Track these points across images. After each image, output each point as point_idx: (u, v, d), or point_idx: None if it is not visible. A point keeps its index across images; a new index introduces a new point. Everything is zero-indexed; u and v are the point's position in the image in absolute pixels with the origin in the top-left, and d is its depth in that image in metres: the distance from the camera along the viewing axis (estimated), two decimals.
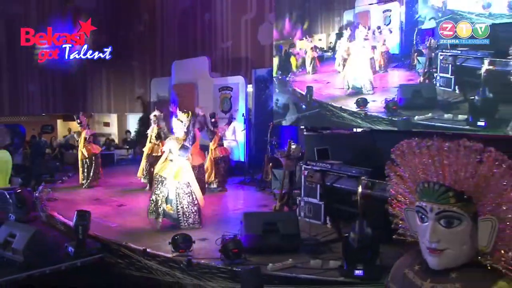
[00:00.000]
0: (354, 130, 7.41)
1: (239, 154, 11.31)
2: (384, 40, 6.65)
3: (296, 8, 8.18)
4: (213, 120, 9.06)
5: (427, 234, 2.62)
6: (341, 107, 6.74)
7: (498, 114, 5.08)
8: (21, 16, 14.99)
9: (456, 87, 5.34)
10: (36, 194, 8.08)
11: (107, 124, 18.39)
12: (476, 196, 2.48)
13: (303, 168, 6.34)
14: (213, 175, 8.86)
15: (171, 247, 5.04)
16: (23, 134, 15.56)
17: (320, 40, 7.70)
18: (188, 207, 6.12)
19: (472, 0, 5.21)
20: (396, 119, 6.02)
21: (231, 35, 13.92)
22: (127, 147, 15.98)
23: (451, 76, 5.33)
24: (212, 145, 8.93)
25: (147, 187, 8.78)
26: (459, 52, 5.25)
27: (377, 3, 6.85)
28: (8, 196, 7.39)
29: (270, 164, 9.06)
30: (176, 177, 6.15)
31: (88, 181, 9.30)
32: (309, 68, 7.72)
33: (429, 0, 5.83)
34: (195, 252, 5.10)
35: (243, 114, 10.68)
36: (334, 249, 5.23)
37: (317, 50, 7.63)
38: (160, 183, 6.20)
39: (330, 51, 7.48)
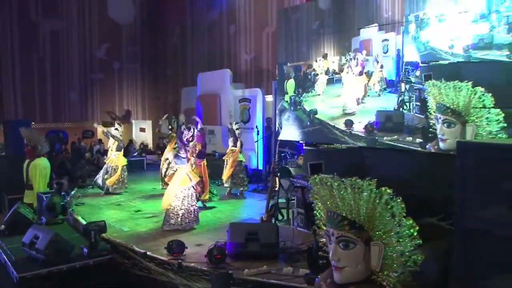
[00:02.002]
0: (345, 146, 7.94)
1: (257, 163, 11.98)
2: (382, 66, 7.17)
3: (312, 34, 8.70)
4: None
5: (330, 254, 3.28)
6: (334, 125, 7.36)
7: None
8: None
9: (423, 115, 5.90)
10: (68, 199, 9.12)
11: (143, 130, 19.55)
12: (367, 225, 3.10)
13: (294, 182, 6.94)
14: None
15: (166, 251, 5.83)
16: (66, 139, 17.01)
17: (333, 62, 8.23)
18: (189, 209, 7.03)
19: (444, 41, 5.73)
20: (370, 138, 6.65)
21: (254, 47, 14.64)
22: (159, 152, 17.02)
23: (420, 105, 5.91)
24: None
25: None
26: (423, 86, 5.83)
27: (378, 30, 7.33)
28: (45, 199, 8.49)
29: (278, 173, 9.67)
30: (181, 183, 7.03)
31: (112, 187, 10.23)
32: (319, 89, 8.27)
33: (419, 36, 6.30)
34: (187, 256, 5.84)
35: (256, 126, 11.34)
36: None
37: (329, 73, 8.17)
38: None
39: (339, 74, 8.02)
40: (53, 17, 16.21)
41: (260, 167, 11.94)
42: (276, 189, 9.99)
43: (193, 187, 7.09)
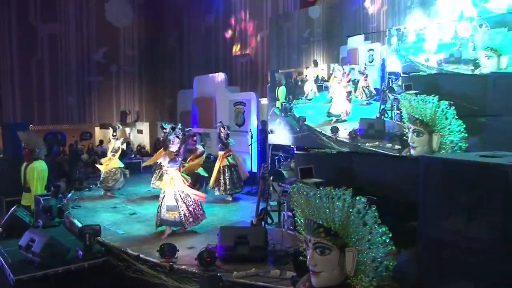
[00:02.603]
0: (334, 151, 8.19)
1: (251, 165, 12.15)
2: (366, 76, 7.40)
3: (303, 42, 8.93)
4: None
5: (308, 259, 3.47)
6: (321, 131, 7.61)
7: None
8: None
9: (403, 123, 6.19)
10: (64, 201, 9.30)
11: (140, 132, 19.74)
12: (341, 232, 3.29)
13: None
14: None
15: (158, 254, 6.01)
16: (64, 141, 17.18)
17: (322, 70, 8.46)
18: (188, 209, 7.16)
19: (421, 55, 6.08)
20: (354, 144, 6.94)
21: (249, 50, 14.83)
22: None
23: (400, 113, 6.19)
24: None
25: None
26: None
27: (364, 40, 7.56)
28: (42, 202, 8.66)
29: (271, 177, 9.86)
30: (171, 185, 7.16)
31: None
32: (309, 95, 8.49)
33: (400, 49, 6.55)
34: (179, 259, 6.02)
35: (250, 129, 11.52)
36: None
37: (318, 80, 8.40)
38: (161, 195, 7.30)
39: (328, 81, 8.26)
40: (51, 20, 16.37)
41: (255, 170, 12.11)
42: (268, 192, 10.23)
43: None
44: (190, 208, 7.19)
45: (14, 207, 8.12)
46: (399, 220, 6.29)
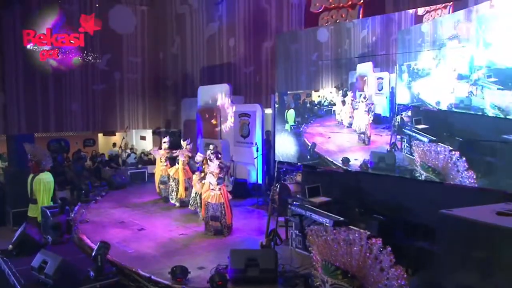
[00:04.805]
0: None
1: (256, 177, 12.22)
2: (369, 108, 7.55)
3: (311, 65, 9.02)
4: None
5: None
6: (332, 161, 7.74)
7: None
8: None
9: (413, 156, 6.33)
10: (72, 215, 9.37)
11: (143, 138, 19.79)
12: (359, 274, 3.38)
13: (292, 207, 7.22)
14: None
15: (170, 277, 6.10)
16: (67, 147, 17.27)
17: (331, 92, 8.55)
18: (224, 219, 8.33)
19: (432, 96, 6.18)
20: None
21: (253, 60, 14.89)
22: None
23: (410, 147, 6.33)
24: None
25: None
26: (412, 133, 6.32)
27: (373, 67, 7.66)
28: (49, 214, 8.73)
29: (275, 187, 9.91)
30: (219, 200, 8.30)
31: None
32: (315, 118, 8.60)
33: (411, 86, 6.67)
34: (190, 280, 6.10)
35: (256, 142, 11.60)
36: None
37: (325, 103, 8.48)
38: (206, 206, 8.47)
39: (334, 105, 8.35)
40: None
41: (260, 181, 12.19)
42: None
43: None
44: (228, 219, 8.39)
45: (24, 224, 8.15)
46: (407, 240, 6.38)
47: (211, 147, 10.81)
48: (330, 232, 3.21)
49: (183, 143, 10.91)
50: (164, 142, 11.79)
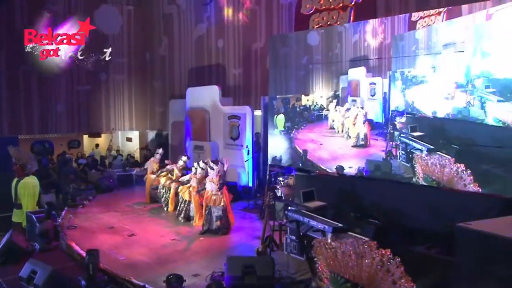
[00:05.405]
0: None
1: (247, 179, 12.12)
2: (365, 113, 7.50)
3: (301, 69, 8.93)
4: None
5: None
6: (325, 169, 7.65)
7: None
8: None
9: (409, 163, 6.25)
10: (59, 221, 9.11)
11: (129, 140, 19.50)
12: (369, 287, 3.29)
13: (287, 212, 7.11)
14: None
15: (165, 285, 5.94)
16: (51, 149, 16.92)
17: (321, 97, 8.46)
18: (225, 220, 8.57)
19: (428, 106, 6.16)
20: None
21: (242, 62, 14.78)
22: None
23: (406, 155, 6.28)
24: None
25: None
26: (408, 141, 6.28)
27: (366, 72, 7.61)
28: (35, 220, 8.47)
29: (270, 193, 9.83)
30: (221, 203, 8.54)
31: None
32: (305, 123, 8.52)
33: (405, 94, 6.63)
34: None
35: (246, 146, 11.49)
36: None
37: (315, 107, 8.40)
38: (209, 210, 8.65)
39: (327, 110, 8.27)
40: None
41: (250, 184, 12.09)
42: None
43: None
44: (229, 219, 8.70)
45: (10, 232, 7.89)
46: (405, 244, 6.34)
47: (184, 158, 10.82)
48: (340, 244, 3.11)
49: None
50: (157, 153, 11.68)
